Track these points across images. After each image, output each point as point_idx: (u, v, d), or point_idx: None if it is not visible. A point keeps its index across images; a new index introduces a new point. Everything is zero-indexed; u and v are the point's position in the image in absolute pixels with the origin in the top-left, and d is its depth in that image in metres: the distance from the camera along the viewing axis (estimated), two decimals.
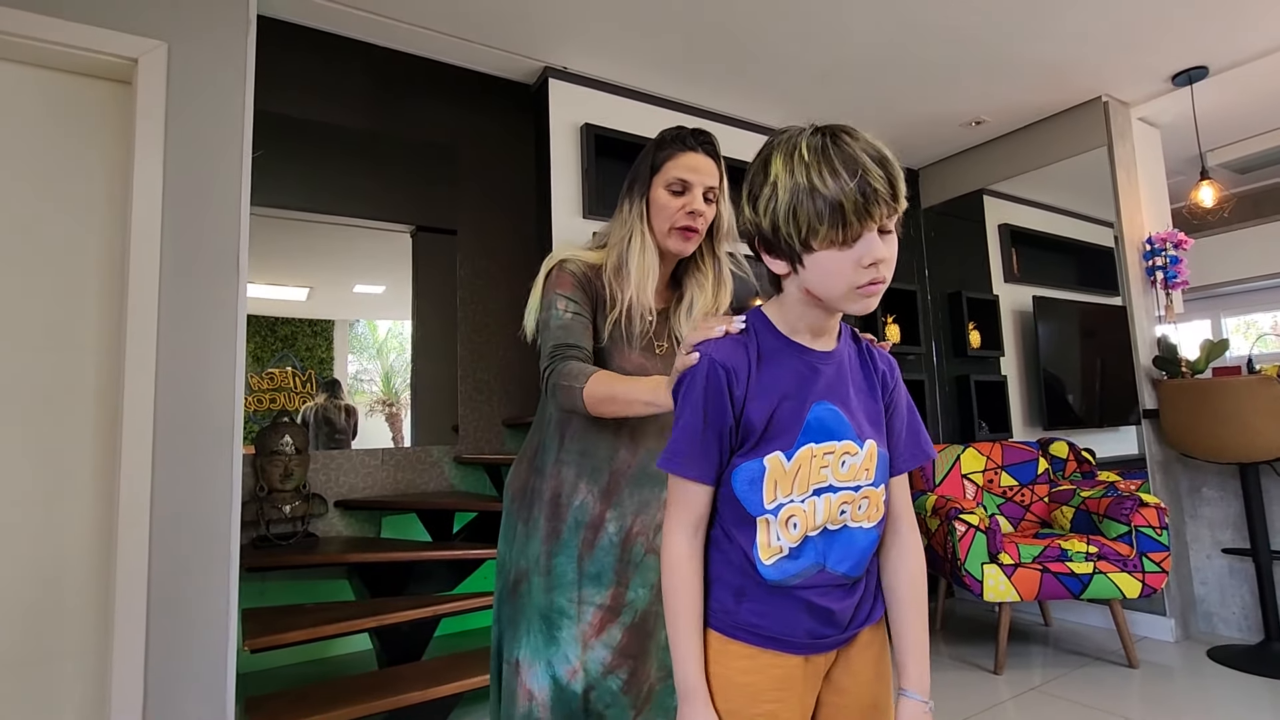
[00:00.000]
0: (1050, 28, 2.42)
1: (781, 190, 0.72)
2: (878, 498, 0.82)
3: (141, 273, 1.60)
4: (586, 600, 1.14)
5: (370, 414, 2.67)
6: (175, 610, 1.56)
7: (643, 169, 1.22)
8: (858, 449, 0.80)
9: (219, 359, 1.68)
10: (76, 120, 1.68)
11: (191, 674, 1.57)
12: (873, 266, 0.72)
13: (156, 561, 1.54)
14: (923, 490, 2.93)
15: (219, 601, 1.61)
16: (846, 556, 0.80)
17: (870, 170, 0.69)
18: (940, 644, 2.79)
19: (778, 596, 0.80)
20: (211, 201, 1.72)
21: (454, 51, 2.47)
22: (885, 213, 0.71)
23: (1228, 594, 2.74)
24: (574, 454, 1.19)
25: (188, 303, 1.66)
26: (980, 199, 3.64)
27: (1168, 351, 2.78)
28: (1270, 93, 2.94)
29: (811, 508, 0.79)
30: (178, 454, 1.60)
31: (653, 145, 1.22)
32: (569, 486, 1.18)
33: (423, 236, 2.72)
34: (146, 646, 1.51)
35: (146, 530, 1.53)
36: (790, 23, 2.33)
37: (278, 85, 2.28)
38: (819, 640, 0.81)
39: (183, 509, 1.59)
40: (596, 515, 1.17)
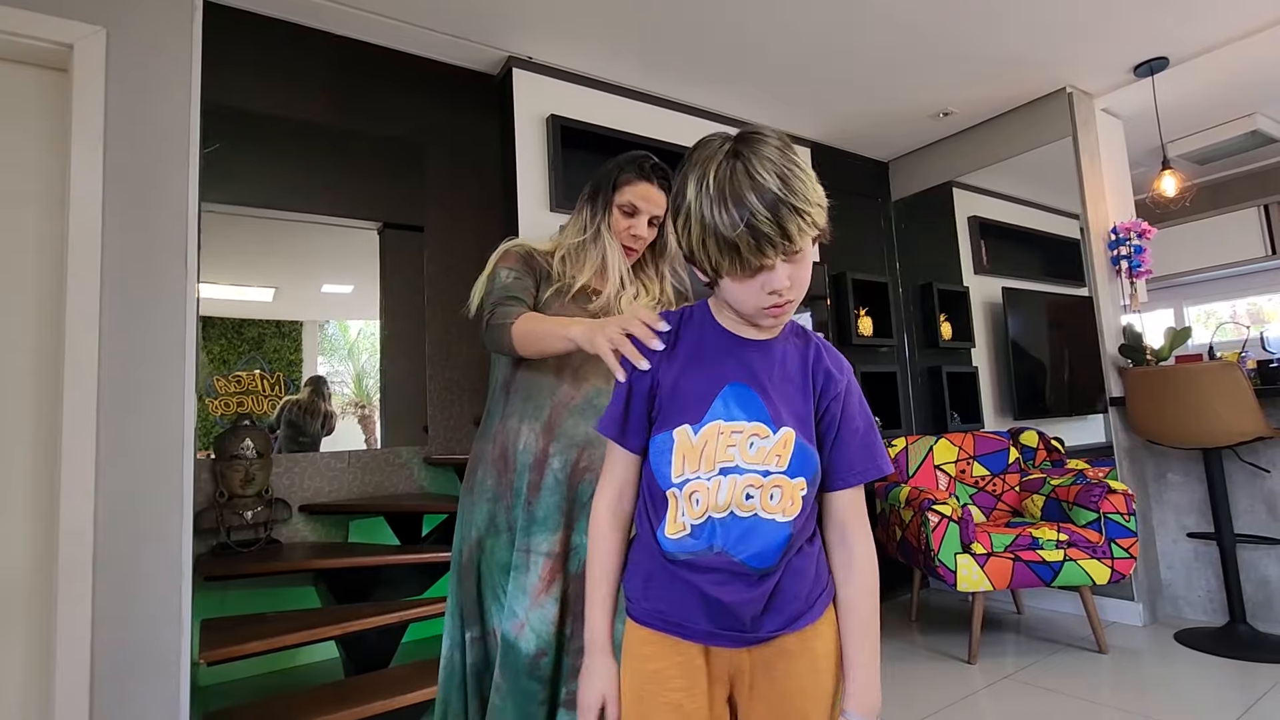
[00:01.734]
0: (1014, 18, 2.43)
1: (693, 220, 0.75)
2: (793, 490, 0.80)
3: (82, 271, 1.52)
4: (535, 549, 1.12)
5: (343, 416, 2.60)
6: (124, 623, 1.49)
7: (605, 185, 1.33)
8: (770, 433, 0.79)
9: (168, 361, 1.61)
10: (8, 110, 1.59)
11: (142, 690, 1.50)
12: (774, 294, 0.76)
13: (101, 573, 1.47)
14: (897, 482, 2.93)
15: (170, 613, 1.54)
16: (750, 544, 0.79)
17: (757, 214, 0.71)
18: (915, 635, 2.80)
19: (678, 583, 0.81)
20: (156, 196, 1.64)
21: (416, 41, 2.41)
22: (777, 251, 0.73)
23: (1193, 578, 2.79)
24: (518, 403, 1.22)
25: (133, 303, 1.58)
26: (950, 191, 3.66)
27: (1133, 340, 2.82)
28: (1228, 84, 2.99)
29: (715, 486, 0.79)
30: (124, 462, 1.52)
31: (615, 167, 1.33)
32: (514, 434, 1.20)
33: (390, 233, 2.65)
34: (91, 662, 1.44)
35: (90, 541, 1.46)
36: (757, 13, 2.30)
37: (234, 77, 2.19)
38: (719, 632, 0.81)
39: (130, 518, 1.52)
40: (540, 452, 1.17)
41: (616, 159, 1.34)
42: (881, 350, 3.54)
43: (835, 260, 3.37)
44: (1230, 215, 4.23)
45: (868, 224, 3.69)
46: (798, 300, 0.79)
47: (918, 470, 2.97)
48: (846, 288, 3.31)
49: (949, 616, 3.02)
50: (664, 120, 2.82)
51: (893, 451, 3.03)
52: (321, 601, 2.26)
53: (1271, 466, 2.56)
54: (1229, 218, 4.23)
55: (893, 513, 2.75)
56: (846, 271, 3.33)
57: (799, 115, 3.10)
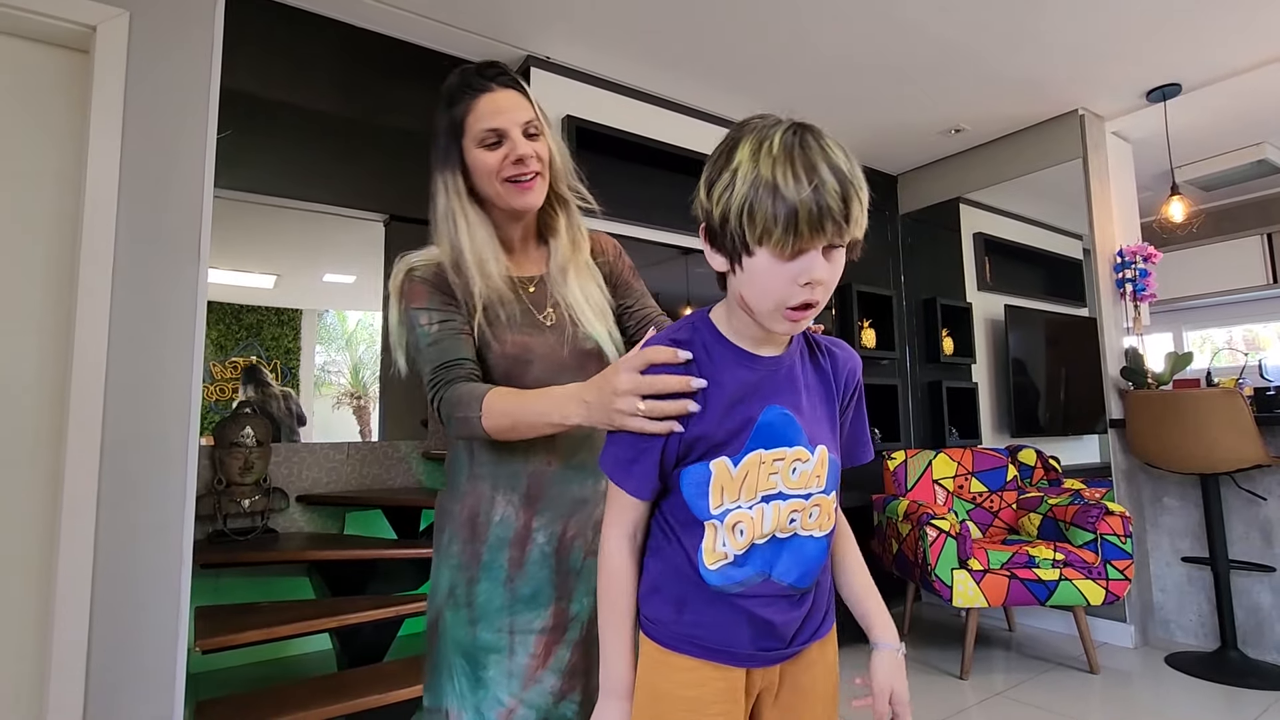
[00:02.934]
0: (1032, 38, 2.44)
1: (741, 181, 0.67)
2: (829, 505, 0.79)
3: (95, 253, 1.51)
4: (522, 629, 0.98)
5: (338, 406, 2.59)
6: (122, 608, 1.48)
7: (443, 136, 1.03)
8: (809, 455, 0.77)
9: (176, 346, 1.60)
10: (27, 89, 1.59)
11: (138, 675, 1.49)
12: (808, 286, 0.68)
13: (103, 557, 1.46)
14: (895, 495, 2.94)
15: (169, 599, 1.53)
16: (795, 566, 0.77)
17: (826, 184, 0.65)
18: (907, 648, 2.80)
19: (719, 605, 0.76)
20: (172, 181, 1.63)
21: (433, 35, 2.41)
22: (834, 231, 0.66)
23: (1185, 602, 2.80)
24: (487, 463, 1.02)
25: (144, 286, 1.57)
26: (956, 207, 3.67)
27: (1135, 362, 2.83)
28: (1238, 112, 3.01)
29: (760, 514, 0.75)
30: (129, 445, 1.52)
31: (443, 104, 1.03)
32: (486, 501, 1.01)
33: (396, 226, 2.64)
34: (89, 645, 1.43)
35: (92, 523, 1.45)
36: (779, 23, 2.31)
37: (247, 63, 2.19)
38: (762, 653, 0.78)
39: (132, 502, 1.51)
40: (521, 528, 1.00)
41: (441, 100, 1.04)
42: (883, 363, 3.54)
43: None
44: (1233, 242, 4.25)
45: (874, 236, 3.69)
46: (821, 307, 0.72)
47: (916, 484, 2.98)
48: (851, 299, 3.31)
49: (941, 631, 3.02)
50: (679, 125, 2.82)
51: (892, 464, 3.04)
52: (316, 593, 2.25)
53: (1268, 494, 2.58)
54: (1231, 245, 4.26)
55: (890, 525, 2.76)
56: (852, 283, 3.34)
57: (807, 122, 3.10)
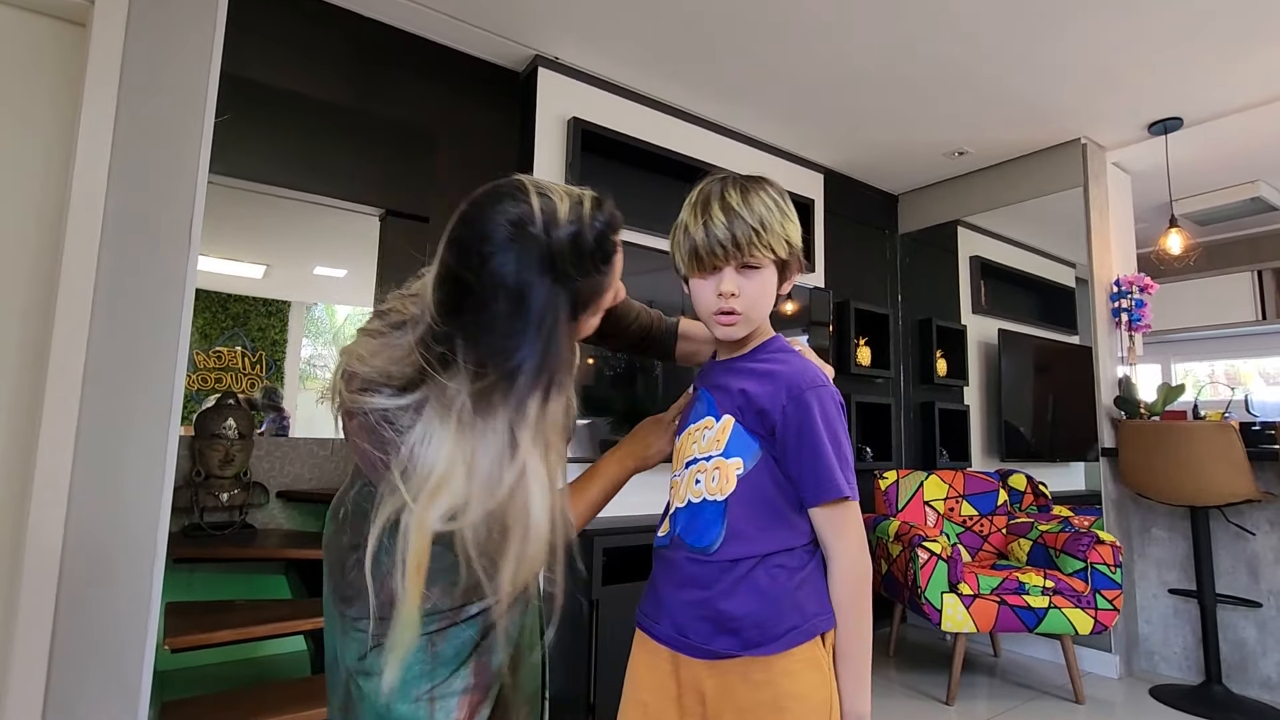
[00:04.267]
0: (1040, 66, 2.45)
1: (677, 229, 0.93)
2: (729, 469, 0.88)
3: (81, 232, 1.46)
4: (443, 693, 0.86)
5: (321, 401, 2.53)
6: (89, 602, 1.42)
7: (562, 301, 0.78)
8: (714, 423, 0.92)
9: (161, 333, 1.55)
10: (20, 61, 1.53)
11: (103, 674, 1.42)
12: (721, 297, 0.88)
13: (71, 546, 1.40)
14: (885, 515, 2.92)
15: (140, 594, 1.47)
16: (694, 527, 0.89)
17: (715, 219, 0.86)
18: (891, 671, 2.77)
19: (653, 580, 0.94)
20: (166, 164, 1.58)
21: (441, 29, 2.38)
22: (727, 255, 0.86)
23: (1170, 634, 2.80)
24: None
25: (130, 271, 1.52)
26: (955, 229, 3.69)
27: (1128, 392, 2.84)
28: (1237, 149, 3.04)
29: (681, 478, 0.93)
30: (105, 432, 1.46)
31: (574, 258, 0.76)
32: None
33: (392, 221, 2.59)
34: (52, 640, 1.37)
35: (63, 511, 1.39)
36: (787, 35, 2.30)
37: (250, 47, 2.14)
38: (678, 638, 0.87)
39: (107, 491, 1.45)
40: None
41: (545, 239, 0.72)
42: (878, 381, 3.53)
43: (840, 288, 3.37)
44: (1224, 277, 4.30)
45: (873, 255, 3.70)
46: (749, 314, 0.89)
47: (907, 505, 2.96)
48: (849, 316, 3.30)
49: (926, 654, 3.00)
50: (683, 133, 2.81)
51: (884, 484, 3.02)
52: (292, 591, 2.19)
53: (1256, 529, 2.58)
54: (1222, 279, 4.30)
55: (880, 546, 2.73)
56: (850, 300, 3.33)
57: (816, 140, 3.11)
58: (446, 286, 0.72)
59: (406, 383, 0.75)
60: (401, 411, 0.75)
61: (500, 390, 0.70)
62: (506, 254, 0.70)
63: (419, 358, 0.73)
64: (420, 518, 0.69)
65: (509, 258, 0.69)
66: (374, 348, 0.77)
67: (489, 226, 0.71)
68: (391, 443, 0.74)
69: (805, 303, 3.05)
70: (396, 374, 0.74)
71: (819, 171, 3.33)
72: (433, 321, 0.72)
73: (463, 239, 0.72)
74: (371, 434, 0.75)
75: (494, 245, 0.70)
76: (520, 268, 0.69)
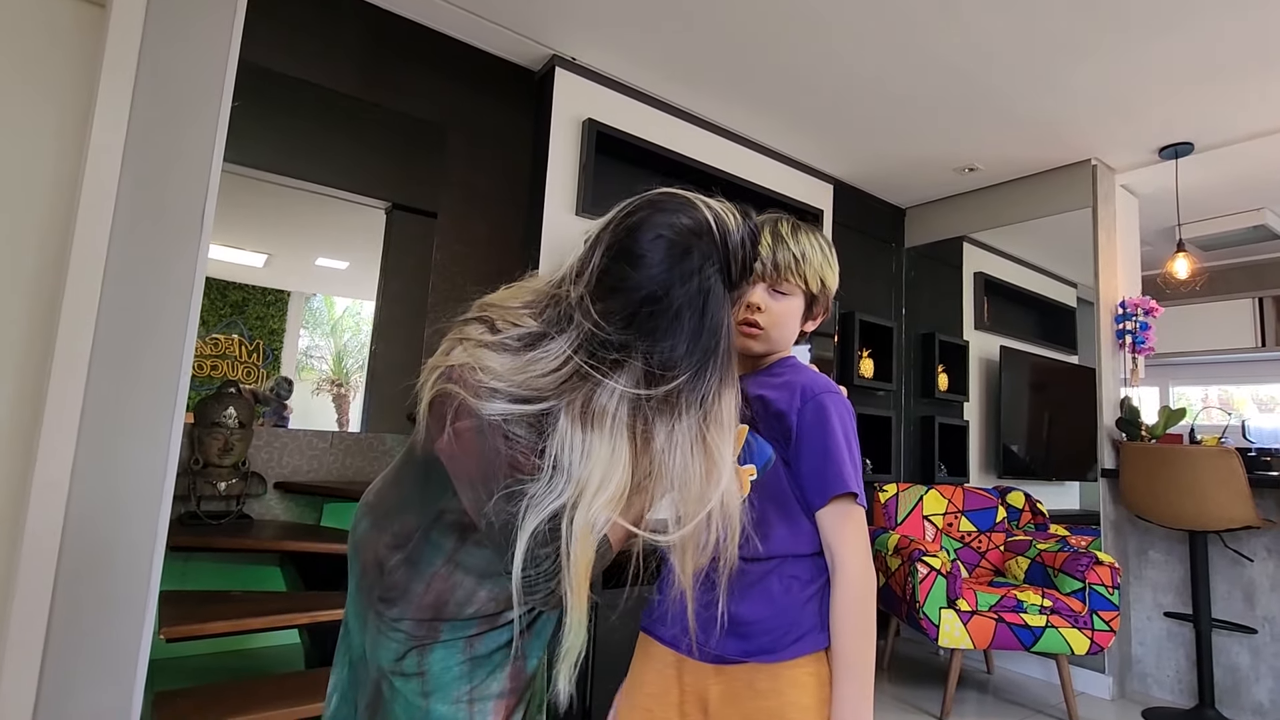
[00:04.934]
0: (1055, 86, 2.46)
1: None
2: (742, 476, 0.87)
3: (91, 216, 1.44)
4: (481, 695, 0.87)
5: (317, 392, 2.52)
6: (87, 589, 1.40)
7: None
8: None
9: (169, 319, 1.53)
10: (39, 40, 1.52)
11: (98, 662, 1.40)
12: (749, 309, 0.92)
13: (71, 532, 1.38)
14: (885, 528, 2.91)
15: (138, 583, 1.45)
16: None
17: (761, 244, 0.90)
18: (885, 684, 2.76)
19: (664, 589, 0.92)
20: (180, 150, 1.57)
21: (460, 25, 2.37)
22: (762, 273, 0.92)
23: (1164, 657, 2.80)
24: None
25: (140, 256, 1.50)
26: (960, 245, 3.70)
27: (1130, 414, 2.84)
28: (1244, 176, 3.06)
29: None
30: (110, 416, 1.44)
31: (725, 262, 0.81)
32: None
33: (398, 215, 2.58)
34: (48, 625, 1.35)
35: (64, 495, 1.37)
36: (804, 45, 2.30)
37: (264, 34, 2.13)
38: (685, 639, 0.86)
39: (108, 477, 1.43)
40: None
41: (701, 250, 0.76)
42: (879, 393, 3.53)
43: (845, 299, 3.37)
44: (1225, 303, 4.32)
45: (879, 268, 3.70)
46: (769, 335, 0.93)
47: (906, 518, 2.95)
48: (853, 327, 3.30)
49: (920, 668, 2.99)
50: (696, 138, 2.80)
51: (884, 497, 3.02)
52: (287, 583, 2.17)
53: (1254, 556, 2.58)
54: (1224, 305, 4.32)
55: (878, 558, 2.72)
56: (855, 311, 3.33)
57: (828, 151, 3.11)
58: (621, 296, 0.74)
59: (541, 391, 0.75)
60: (536, 418, 0.76)
61: (687, 389, 0.74)
62: (691, 260, 0.74)
63: (577, 367, 0.75)
64: (581, 514, 0.72)
65: (694, 264, 0.74)
66: (516, 361, 0.77)
67: (669, 234, 0.74)
68: (519, 449, 0.75)
69: None
70: (544, 384, 0.75)
71: (829, 182, 3.33)
72: (597, 330, 0.74)
73: (640, 248, 0.74)
74: (484, 439, 0.75)
75: (678, 253, 0.74)
76: (706, 273, 0.74)
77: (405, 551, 0.88)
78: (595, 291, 0.76)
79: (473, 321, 0.83)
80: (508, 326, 0.81)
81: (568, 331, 0.76)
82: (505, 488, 0.74)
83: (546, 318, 0.79)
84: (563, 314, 0.78)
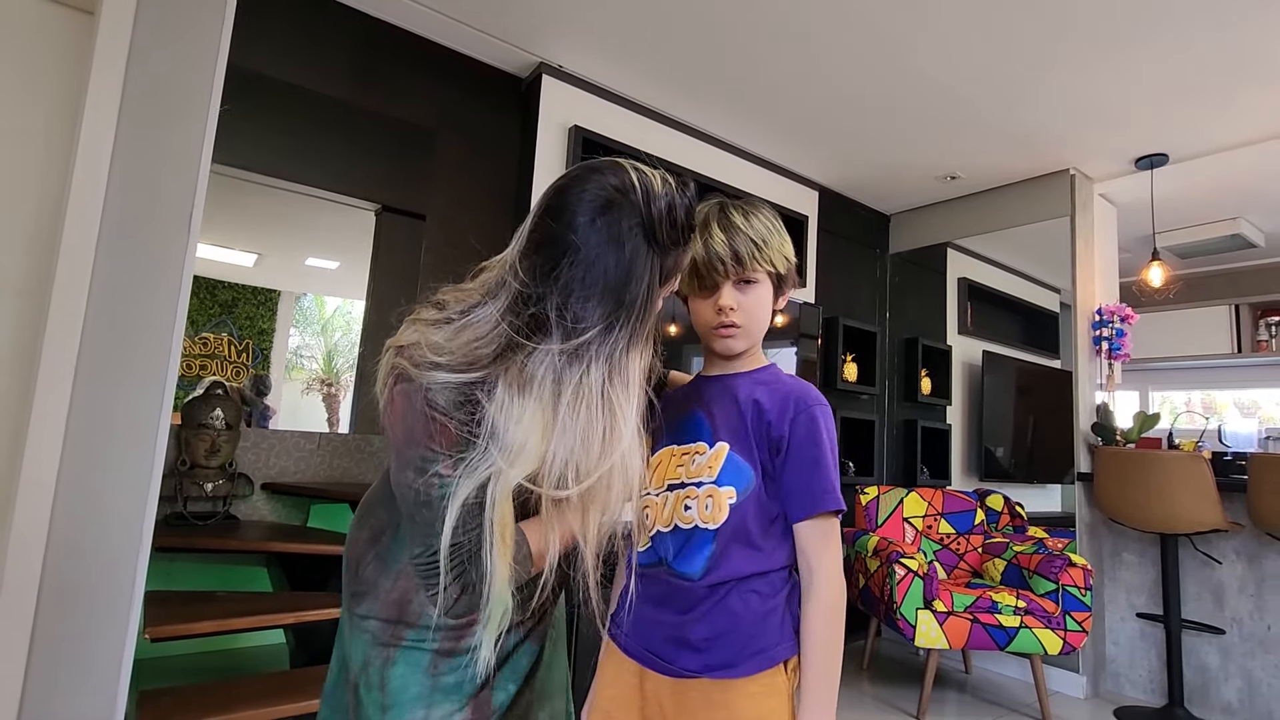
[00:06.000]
0: (1032, 98, 2.51)
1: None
2: (722, 498, 0.87)
3: (80, 218, 1.46)
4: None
5: (307, 392, 2.54)
6: (72, 588, 1.41)
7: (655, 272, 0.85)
8: (707, 449, 0.91)
9: (157, 320, 1.55)
10: (24, 44, 1.54)
11: (83, 660, 1.42)
12: (721, 312, 0.90)
13: (57, 531, 1.40)
14: (865, 530, 2.96)
15: (124, 583, 1.47)
16: (683, 553, 0.88)
17: (715, 240, 0.89)
18: (865, 684, 2.81)
19: (637, 604, 0.91)
20: (169, 153, 1.59)
21: (448, 33, 2.39)
22: (727, 271, 0.90)
23: (1136, 656, 2.86)
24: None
25: (128, 258, 1.52)
26: (944, 251, 3.75)
27: (1105, 419, 2.90)
28: (1219, 186, 3.12)
29: (663, 501, 0.91)
30: (96, 417, 1.46)
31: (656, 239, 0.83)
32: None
33: (388, 217, 2.61)
34: (34, 625, 1.36)
35: (50, 496, 1.39)
36: (790, 55, 2.34)
37: (255, 38, 2.15)
38: (648, 654, 0.88)
39: (94, 477, 1.45)
40: None
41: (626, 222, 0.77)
42: (863, 397, 3.58)
43: (830, 304, 3.41)
44: (1203, 310, 4.40)
45: (864, 273, 3.75)
46: (748, 329, 0.92)
47: (886, 520, 3.00)
48: (837, 332, 3.35)
49: (899, 668, 3.04)
50: (682, 145, 2.84)
51: (864, 499, 3.06)
52: (273, 584, 2.19)
53: (1223, 558, 2.64)
54: (1201, 312, 4.40)
55: (858, 560, 2.77)
56: (839, 316, 3.38)
57: (812, 159, 3.15)
58: (545, 250, 0.76)
59: (479, 360, 0.76)
60: (469, 387, 0.76)
61: (596, 342, 0.74)
62: (612, 214, 0.75)
63: (506, 328, 0.76)
64: (505, 480, 0.73)
65: (614, 218, 0.75)
66: (452, 331, 0.78)
67: (593, 190, 0.76)
68: (445, 419, 0.75)
69: (795, 317, 3.09)
70: (481, 351, 0.76)
71: (814, 189, 3.38)
72: (522, 287, 0.76)
73: (566, 204, 0.77)
74: (411, 404, 0.77)
75: (599, 207, 0.75)
76: (625, 228, 0.75)
77: (379, 545, 0.88)
78: (523, 250, 0.78)
79: (426, 304, 0.85)
80: (455, 301, 0.83)
81: (499, 296, 0.78)
82: (420, 457, 0.75)
83: (487, 288, 0.82)
84: (498, 280, 0.80)
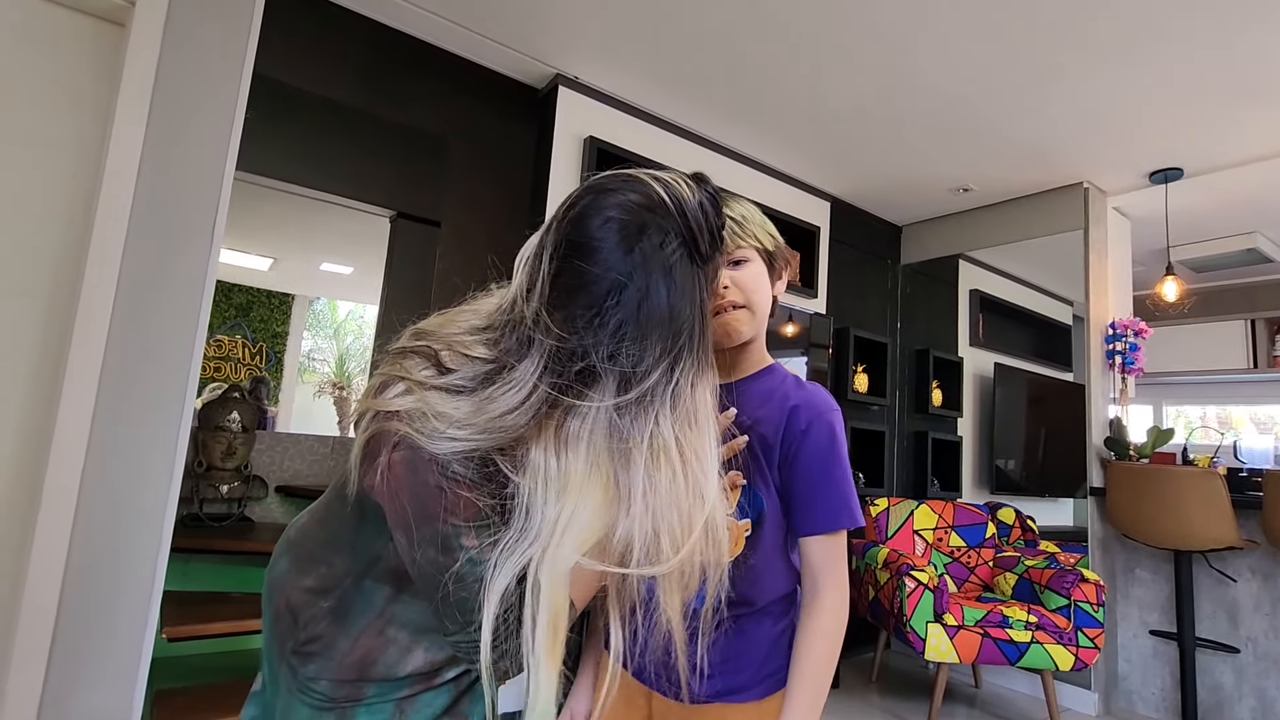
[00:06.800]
0: (1044, 111, 2.51)
1: None
2: (738, 532, 0.84)
3: (108, 224, 1.49)
4: None
5: (319, 395, 2.56)
6: (93, 587, 1.44)
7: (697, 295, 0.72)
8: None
9: (180, 324, 1.58)
10: (58, 55, 1.58)
11: (102, 658, 1.45)
12: (718, 294, 0.83)
13: (80, 533, 1.43)
14: (875, 542, 2.95)
15: (143, 583, 1.49)
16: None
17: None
18: (873, 696, 2.80)
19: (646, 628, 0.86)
20: (194, 161, 1.62)
21: (465, 44, 2.43)
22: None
23: (1149, 674, 2.83)
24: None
25: (154, 263, 1.55)
26: (956, 262, 3.74)
27: (1118, 433, 2.88)
28: (1234, 201, 3.11)
29: None
30: (120, 420, 1.49)
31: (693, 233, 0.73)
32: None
33: (403, 224, 2.64)
34: (55, 624, 1.39)
35: (74, 497, 1.42)
36: (804, 66, 2.36)
37: (274, 47, 2.19)
38: (655, 678, 0.85)
39: (117, 482, 1.48)
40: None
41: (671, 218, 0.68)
42: (873, 408, 3.57)
43: (841, 314, 3.42)
44: (1218, 324, 4.36)
45: (875, 284, 3.75)
46: (750, 309, 0.86)
47: (896, 533, 2.99)
48: (848, 343, 3.35)
49: (908, 681, 3.02)
50: (696, 156, 2.86)
51: (875, 510, 3.05)
52: None
53: (1238, 576, 2.62)
54: (1217, 326, 4.37)
55: (868, 572, 2.76)
56: (850, 327, 3.38)
57: (825, 170, 3.16)
58: (580, 296, 0.65)
59: (510, 429, 0.66)
60: (492, 454, 0.66)
61: (661, 384, 0.65)
62: (648, 238, 0.65)
63: (546, 390, 0.65)
64: (557, 560, 0.63)
65: (652, 242, 0.65)
66: (473, 407, 0.66)
67: (617, 214, 0.66)
68: (462, 489, 0.66)
69: (806, 327, 3.09)
70: (515, 422, 0.65)
71: (826, 200, 3.39)
72: (560, 342, 0.65)
73: (591, 237, 0.65)
74: (416, 474, 0.66)
75: (631, 233, 0.65)
76: (667, 250, 0.65)
77: (331, 600, 0.75)
78: (552, 300, 0.66)
79: (411, 355, 0.72)
80: (459, 361, 0.70)
81: (530, 356, 0.66)
82: (441, 534, 0.65)
83: (504, 347, 0.69)
84: (522, 338, 0.68)
